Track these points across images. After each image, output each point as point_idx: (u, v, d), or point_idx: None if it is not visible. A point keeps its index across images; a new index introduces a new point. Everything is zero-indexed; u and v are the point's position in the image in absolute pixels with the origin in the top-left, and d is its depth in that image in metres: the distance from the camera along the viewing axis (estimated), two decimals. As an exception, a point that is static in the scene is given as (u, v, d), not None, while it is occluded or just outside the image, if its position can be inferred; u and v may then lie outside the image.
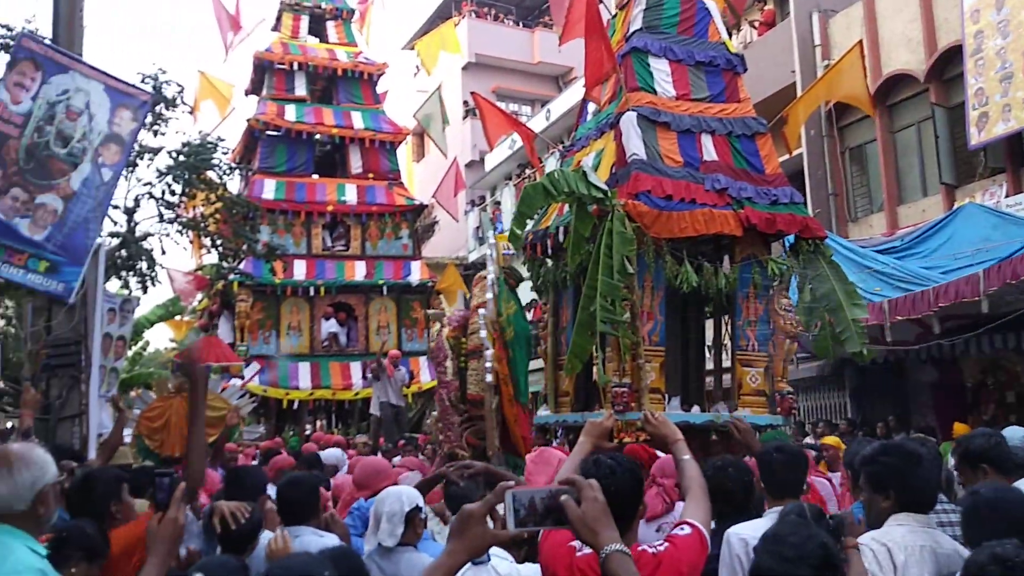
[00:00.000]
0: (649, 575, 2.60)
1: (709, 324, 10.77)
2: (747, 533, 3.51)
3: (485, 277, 7.53)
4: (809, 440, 12.69)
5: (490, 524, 2.02)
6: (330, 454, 10.15)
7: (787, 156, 12.40)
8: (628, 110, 9.53)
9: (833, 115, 15.23)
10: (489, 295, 7.41)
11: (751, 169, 9.75)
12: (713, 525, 3.26)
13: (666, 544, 2.71)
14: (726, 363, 10.28)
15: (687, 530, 2.77)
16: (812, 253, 9.59)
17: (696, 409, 9.31)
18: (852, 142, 15.91)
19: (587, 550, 2.65)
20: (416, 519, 4.20)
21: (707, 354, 10.78)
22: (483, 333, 7.78)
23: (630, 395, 8.67)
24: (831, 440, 7.45)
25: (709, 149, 9.67)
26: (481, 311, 8.00)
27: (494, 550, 3.57)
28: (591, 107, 10.97)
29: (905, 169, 15.17)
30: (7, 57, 11.65)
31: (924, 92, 14.38)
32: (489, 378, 7.62)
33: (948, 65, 14.85)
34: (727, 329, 10.05)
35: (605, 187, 8.76)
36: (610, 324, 8.49)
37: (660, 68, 9.99)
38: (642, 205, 8.92)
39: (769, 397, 9.43)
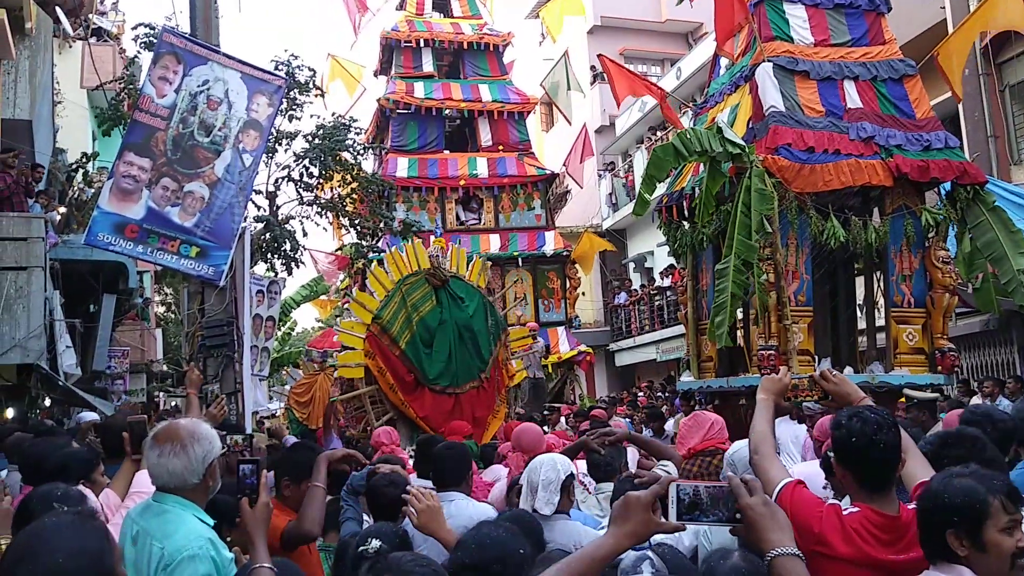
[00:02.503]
0: None
1: (859, 281, 10.28)
2: None
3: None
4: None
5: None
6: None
7: (939, 98, 11.62)
8: (763, 61, 9.15)
9: (990, 51, 14.14)
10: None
11: (900, 114, 9.21)
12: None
13: None
14: (879, 321, 9.81)
15: None
16: (971, 200, 8.98)
17: (849, 370, 8.92)
18: (1013, 79, 14.71)
19: (854, 508, 2.60)
20: (571, 487, 4.15)
21: (858, 312, 10.30)
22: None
23: (777, 358, 8.37)
24: None
25: (853, 96, 9.19)
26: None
27: None
28: (724, 62, 10.59)
29: (1077, 105, 14.01)
30: (150, 55, 12.27)
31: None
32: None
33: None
34: (879, 285, 9.58)
35: (742, 143, 8.45)
36: (745, 286, 8.23)
37: (796, 14, 9.54)
38: (782, 159, 8.57)
39: (928, 355, 8.95)
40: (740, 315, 9.13)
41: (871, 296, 9.98)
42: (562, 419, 12.38)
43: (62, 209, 13.96)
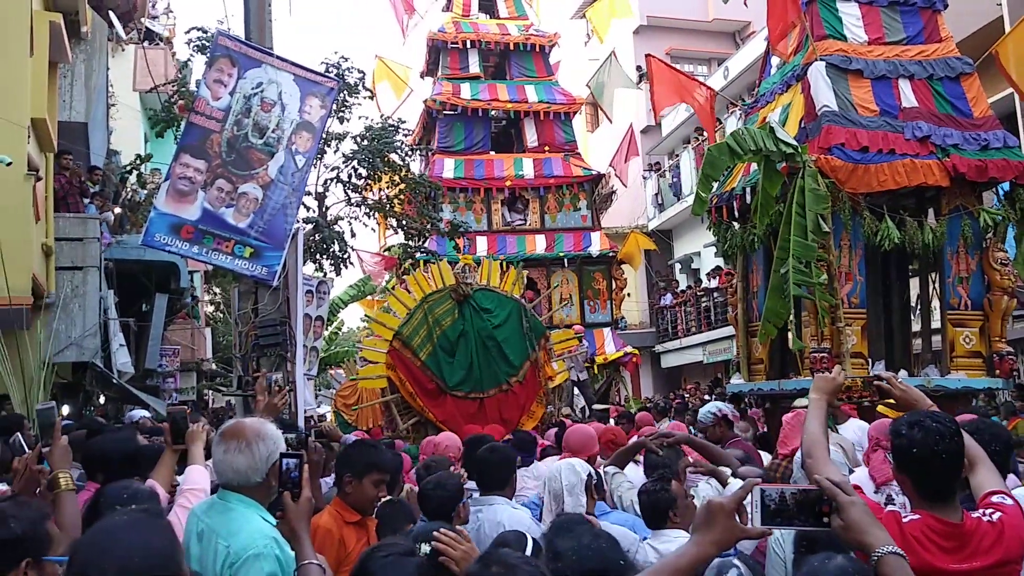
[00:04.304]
0: (992, 544, 2.49)
1: (914, 283, 10.10)
2: None
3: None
4: None
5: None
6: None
7: (996, 96, 11.39)
8: (816, 60, 9.02)
9: (1048, 48, 13.83)
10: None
11: (956, 113, 9.02)
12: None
13: (998, 512, 2.59)
14: (935, 324, 9.63)
15: (1008, 500, 2.65)
16: (1031, 200, 8.78)
17: (903, 374, 8.76)
18: (1071, 75, 14.41)
19: (914, 516, 2.55)
20: (592, 487, 4.16)
21: (912, 315, 10.12)
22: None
23: (830, 360, 8.25)
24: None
25: (908, 95, 9.02)
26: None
27: None
28: (775, 60, 10.46)
29: None
30: (202, 58, 12.47)
31: None
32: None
33: None
34: (935, 287, 9.40)
35: (794, 142, 8.34)
36: (805, 287, 8.10)
37: (849, 12, 9.40)
38: (836, 159, 8.44)
39: (986, 359, 8.76)
40: (792, 317, 9.01)
41: (926, 298, 9.80)
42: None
43: (117, 209, 14.21)
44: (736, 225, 10.05)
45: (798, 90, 9.36)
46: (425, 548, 2.84)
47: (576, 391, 14.63)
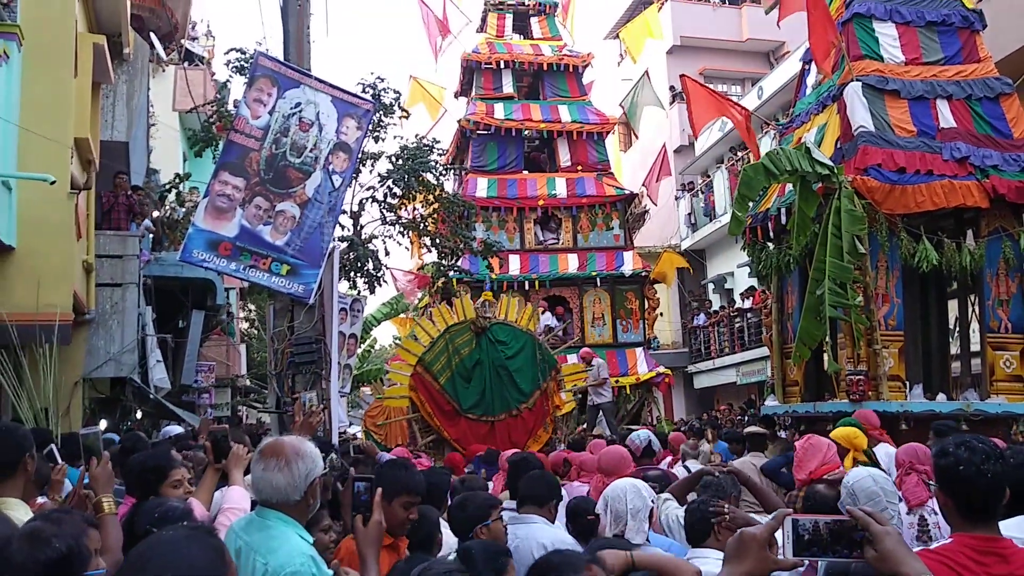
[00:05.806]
0: None
1: (953, 305, 9.98)
2: None
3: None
4: None
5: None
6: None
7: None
8: (852, 80, 8.99)
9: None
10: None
11: (996, 134, 8.95)
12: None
13: None
14: (974, 347, 9.50)
15: None
16: (1074, 222, 8.67)
17: (942, 397, 8.66)
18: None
19: (947, 540, 2.53)
20: (655, 513, 4.10)
21: (951, 337, 10.00)
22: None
23: (867, 383, 8.18)
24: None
25: (946, 115, 8.97)
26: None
27: None
28: (810, 80, 10.44)
29: None
30: (241, 79, 12.64)
31: None
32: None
33: None
34: (974, 310, 9.28)
35: (830, 163, 8.32)
36: (840, 309, 8.04)
37: (886, 32, 9.37)
38: (872, 180, 8.40)
39: (1027, 383, 8.63)
40: (827, 339, 8.94)
41: (965, 320, 9.68)
42: None
43: (156, 213, 14.42)
44: (771, 246, 10.01)
45: (834, 110, 9.33)
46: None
47: (600, 415, 14.50)
